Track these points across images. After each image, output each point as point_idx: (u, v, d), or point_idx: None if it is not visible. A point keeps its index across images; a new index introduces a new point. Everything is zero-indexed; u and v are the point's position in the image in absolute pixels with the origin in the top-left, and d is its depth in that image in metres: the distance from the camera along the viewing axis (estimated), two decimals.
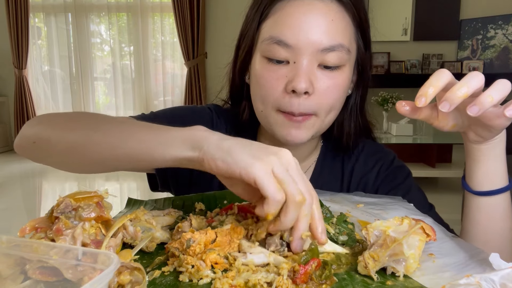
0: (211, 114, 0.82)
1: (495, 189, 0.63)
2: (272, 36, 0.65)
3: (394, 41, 5.05)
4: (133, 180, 4.00)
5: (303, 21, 0.63)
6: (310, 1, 0.64)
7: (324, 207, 0.56)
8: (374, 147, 0.83)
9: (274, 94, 0.66)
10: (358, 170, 0.81)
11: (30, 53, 5.34)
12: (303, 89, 0.63)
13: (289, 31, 0.63)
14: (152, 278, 0.42)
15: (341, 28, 0.65)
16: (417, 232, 0.42)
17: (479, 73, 0.49)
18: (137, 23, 5.42)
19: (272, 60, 0.66)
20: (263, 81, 0.67)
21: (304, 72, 0.63)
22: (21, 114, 5.35)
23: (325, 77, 0.65)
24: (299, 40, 0.63)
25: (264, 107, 0.69)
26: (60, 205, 0.40)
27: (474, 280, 0.35)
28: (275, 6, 0.66)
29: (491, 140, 0.60)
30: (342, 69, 0.66)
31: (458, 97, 0.48)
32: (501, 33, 4.85)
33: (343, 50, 0.64)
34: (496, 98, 0.48)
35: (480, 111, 0.48)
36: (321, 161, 0.82)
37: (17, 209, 3.21)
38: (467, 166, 0.65)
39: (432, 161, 3.61)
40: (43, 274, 0.34)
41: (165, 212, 0.56)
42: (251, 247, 0.45)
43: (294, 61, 0.64)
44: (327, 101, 0.67)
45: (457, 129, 0.59)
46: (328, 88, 0.66)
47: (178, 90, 5.59)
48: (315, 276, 0.39)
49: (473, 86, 0.48)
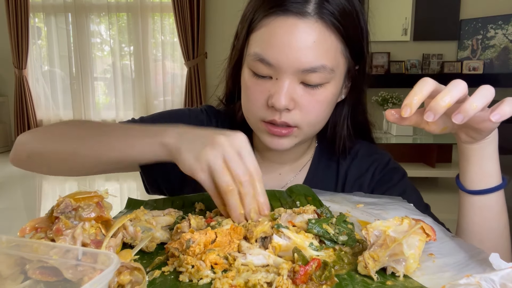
0: (202, 116, 0.84)
1: (488, 187, 0.63)
2: (256, 53, 0.65)
3: (394, 41, 5.05)
4: (133, 180, 4.00)
5: (285, 41, 0.62)
6: (294, 21, 0.62)
7: (324, 207, 0.56)
8: (369, 149, 0.83)
9: (258, 105, 0.68)
10: (353, 171, 0.81)
11: (30, 53, 5.34)
12: (282, 106, 0.64)
13: (271, 51, 0.63)
14: (152, 278, 0.42)
15: (324, 50, 0.63)
16: (417, 232, 0.42)
17: (461, 81, 0.50)
18: (137, 23, 5.42)
19: (257, 74, 0.67)
20: (249, 92, 0.69)
21: (285, 89, 0.64)
22: (21, 114, 5.35)
23: (306, 94, 0.66)
24: (280, 60, 0.63)
25: (250, 116, 0.72)
26: (60, 205, 0.40)
27: (474, 280, 0.35)
28: (262, 21, 0.65)
29: (482, 140, 0.61)
30: (324, 86, 0.66)
31: (441, 106, 0.49)
32: (501, 33, 4.85)
33: (325, 71, 0.64)
34: (479, 106, 0.49)
35: (465, 119, 0.49)
36: (316, 162, 0.83)
37: (17, 209, 3.21)
38: (460, 165, 0.66)
39: (432, 161, 3.62)
40: (43, 274, 0.34)
41: (165, 212, 0.56)
42: (250, 248, 0.45)
43: (277, 78, 0.65)
44: (308, 116, 0.68)
45: (448, 131, 0.60)
46: (310, 103, 0.66)
47: (178, 90, 5.59)
48: (315, 276, 0.39)
49: (456, 95, 0.49)
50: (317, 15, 0.62)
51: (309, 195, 0.67)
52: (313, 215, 0.53)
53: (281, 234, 0.46)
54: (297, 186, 0.71)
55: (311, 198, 0.66)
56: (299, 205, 0.63)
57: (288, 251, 0.45)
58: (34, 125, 5.40)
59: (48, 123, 5.57)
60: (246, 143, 0.54)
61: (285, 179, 0.82)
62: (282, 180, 0.82)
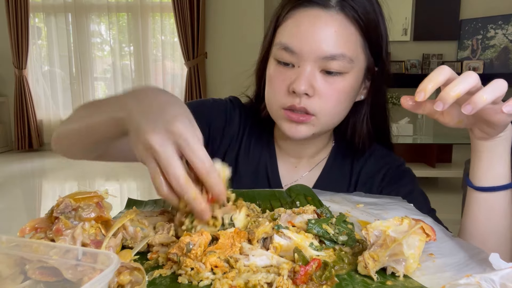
0: (227, 105, 0.88)
1: (496, 185, 0.64)
2: (281, 42, 0.71)
3: (394, 41, 5.04)
4: (133, 180, 4.00)
5: (308, 31, 0.68)
6: (317, 12, 0.69)
7: (324, 207, 0.56)
8: (384, 152, 0.86)
9: (280, 93, 0.72)
10: (366, 171, 0.83)
11: (30, 53, 5.34)
12: (301, 91, 0.68)
13: (295, 40, 0.69)
14: (152, 278, 0.42)
15: (343, 39, 0.68)
16: (417, 232, 0.42)
17: (473, 72, 0.51)
18: (137, 23, 5.42)
19: (281, 62, 0.72)
20: (272, 81, 0.74)
21: (305, 76, 0.69)
22: (21, 114, 5.35)
23: (325, 82, 0.70)
24: (303, 49, 0.68)
25: (272, 104, 0.75)
26: (60, 205, 0.40)
27: (474, 280, 0.35)
28: (288, 14, 0.72)
29: (496, 137, 0.61)
30: (343, 76, 0.70)
31: (450, 96, 0.49)
32: (501, 33, 4.85)
33: (344, 59, 0.68)
34: (488, 98, 0.49)
35: (473, 110, 0.50)
36: (332, 160, 0.86)
37: (17, 209, 3.21)
38: (471, 162, 0.66)
39: (432, 161, 3.61)
40: (43, 274, 0.34)
41: (158, 212, 0.56)
42: (252, 249, 0.44)
43: (299, 66, 0.70)
44: (326, 104, 0.71)
45: (463, 125, 0.60)
46: (328, 91, 0.70)
47: (178, 90, 5.58)
48: (316, 276, 0.39)
49: (466, 87, 0.50)
50: (339, 8, 0.69)
51: (309, 195, 0.67)
52: (313, 215, 0.53)
53: (281, 234, 0.46)
54: (297, 186, 0.72)
55: (311, 198, 0.66)
56: (299, 205, 0.63)
57: (289, 251, 0.45)
58: (34, 125, 5.39)
59: (48, 123, 5.58)
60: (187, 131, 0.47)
61: (300, 172, 0.85)
62: (297, 174, 0.85)
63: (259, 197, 0.68)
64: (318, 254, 0.45)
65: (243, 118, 0.87)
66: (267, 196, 0.68)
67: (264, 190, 0.72)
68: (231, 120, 0.86)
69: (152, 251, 0.47)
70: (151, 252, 0.47)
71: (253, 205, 0.62)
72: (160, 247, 0.47)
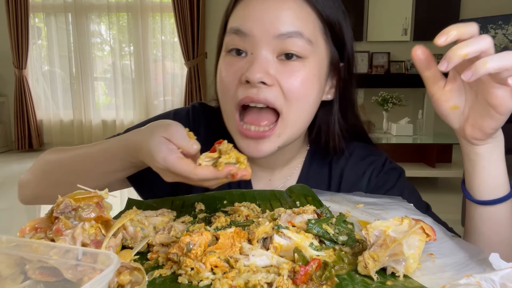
0: (188, 116, 0.80)
1: (497, 198, 0.60)
2: (231, 27, 0.65)
3: (394, 41, 5.05)
4: None
5: (260, 9, 0.62)
6: None
7: (324, 207, 0.56)
8: (364, 150, 0.80)
9: (232, 86, 0.64)
10: (349, 175, 0.78)
11: (30, 53, 5.34)
12: (256, 79, 0.60)
13: (245, 20, 0.63)
14: (152, 278, 0.42)
15: (299, 17, 0.63)
16: (417, 232, 0.42)
17: (487, 36, 0.46)
18: (137, 23, 5.42)
19: (232, 51, 0.65)
20: (223, 75, 0.66)
21: (259, 61, 0.61)
22: (21, 114, 5.35)
23: (284, 68, 0.63)
24: (253, 27, 0.62)
25: (226, 103, 0.67)
26: (60, 205, 0.40)
27: (474, 280, 0.35)
28: (238, 2, 0.66)
29: (487, 141, 0.57)
30: (303, 62, 0.63)
31: (457, 55, 0.45)
32: (501, 33, 4.84)
33: (302, 38, 0.62)
34: (491, 67, 0.44)
35: (473, 77, 0.45)
36: (307, 166, 0.79)
37: (17, 209, 3.21)
38: (466, 174, 0.62)
39: (432, 161, 3.62)
40: (43, 274, 0.34)
41: (158, 213, 0.56)
42: (252, 249, 0.44)
43: (252, 52, 0.63)
44: (290, 93, 0.63)
45: (456, 114, 0.56)
46: (289, 79, 0.62)
47: (178, 90, 5.59)
48: (316, 276, 0.39)
49: (476, 48, 0.45)
50: None
51: (309, 195, 0.67)
52: (313, 215, 0.53)
53: (281, 234, 0.46)
54: (296, 186, 0.71)
55: (311, 198, 0.66)
56: (299, 205, 0.63)
57: (289, 251, 0.45)
58: (34, 125, 5.39)
59: (48, 123, 5.58)
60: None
61: (275, 184, 0.78)
62: (273, 186, 0.78)
63: (259, 197, 0.67)
64: (318, 254, 0.45)
65: (210, 127, 0.78)
66: (267, 196, 0.68)
67: (264, 190, 0.72)
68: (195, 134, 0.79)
69: (152, 251, 0.47)
70: (151, 252, 0.47)
71: (253, 205, 0.62)
72: (160, 247, 0.47)
